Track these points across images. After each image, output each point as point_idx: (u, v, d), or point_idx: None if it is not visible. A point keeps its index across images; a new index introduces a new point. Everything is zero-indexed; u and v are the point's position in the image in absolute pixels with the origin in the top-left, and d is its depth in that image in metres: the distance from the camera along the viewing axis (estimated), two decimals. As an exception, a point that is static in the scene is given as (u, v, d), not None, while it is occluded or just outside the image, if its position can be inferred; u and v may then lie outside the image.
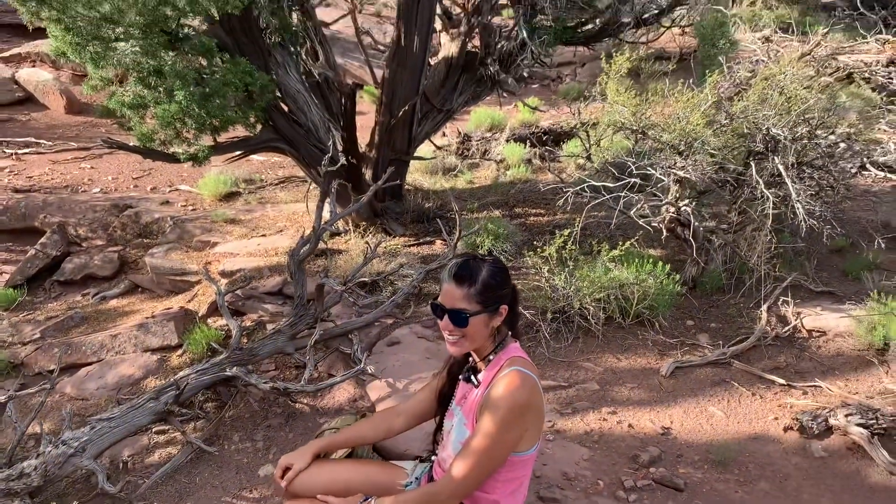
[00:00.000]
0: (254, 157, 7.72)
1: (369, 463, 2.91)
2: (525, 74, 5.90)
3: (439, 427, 2.62)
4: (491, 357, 2.33)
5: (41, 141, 9.52)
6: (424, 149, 6.86)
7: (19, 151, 9.03)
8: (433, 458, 2.62)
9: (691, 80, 4.29)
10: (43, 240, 6.46)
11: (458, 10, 6.28)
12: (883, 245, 4.66)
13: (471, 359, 2.44)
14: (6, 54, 12.09)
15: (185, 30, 4.54)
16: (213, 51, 4.40)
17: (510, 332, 2.38)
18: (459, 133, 8.24)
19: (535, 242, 4.52)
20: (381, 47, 12.47)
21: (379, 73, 7.55)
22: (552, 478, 3.18)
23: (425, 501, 2.28)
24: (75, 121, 10.79)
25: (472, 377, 2.37)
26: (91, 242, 6.72)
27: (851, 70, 10.45)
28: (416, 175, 7.28)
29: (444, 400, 2.61)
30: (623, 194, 4.21)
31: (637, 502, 3.05)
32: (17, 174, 8.13)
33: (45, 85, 11.05)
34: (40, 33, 12.90)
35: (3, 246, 6.95)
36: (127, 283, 6.05)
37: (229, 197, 7.18)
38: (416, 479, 2.63)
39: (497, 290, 2.27)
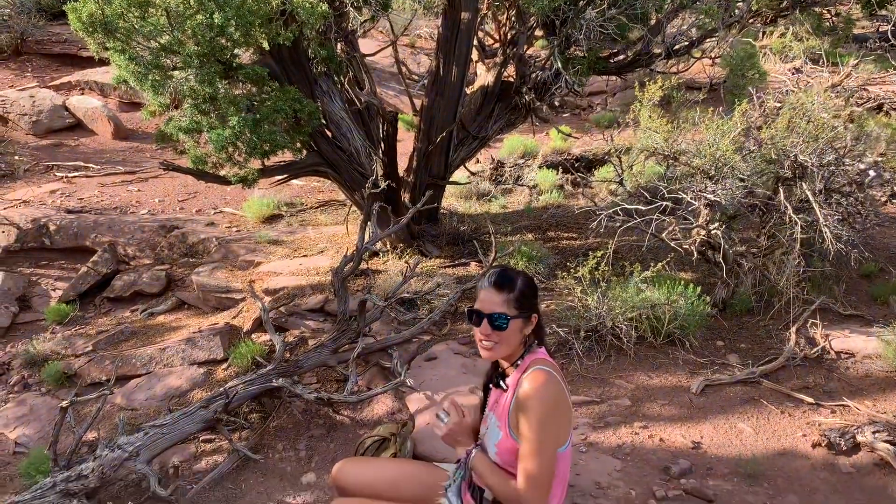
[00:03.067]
0: (294, 181, 7.99)
1: (414, 463, 3.08)
2: (557, 103, 6.11)
3: (477, 433, 2.77)
4: (518, 362, 2.50)
5: (90, 165, 9.91)
6: (459, 174, 7.08)
7: (70, 175, 9.42)
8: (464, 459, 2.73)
9: (720, 109, 4.45)
10: (94, 258, 6.77)
11: (494, 42, 6.54)
12: (911, 271, 4.75)
13: (500, 366, 2.62)
14: (57, 82, 12.60)
15: (238, 60, 4.82)
16: (265, 79, 4.67)
17: (536, 341, 2.55)
18: (493, 160, 8.46)
19: (567, 264, 4.68)
20: (416, 77, 12.80)
21: (416, 101, 7.82)
22: (586, 487, 3.31)
23: (507, 499, 2.40)
24: (121, 146, 11.19)
25: (501, 382, 2.54)
26: (139, 261, 7.01)
27: (882, 101, 10.52)
28: (450, 200, 7.50)
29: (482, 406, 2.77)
30: (655, 217, 4.37)
31: (668, 511, 3.17)
32: (68, 196, 8.49)
33: (94, 112, 11.49)
34: (88, 62, 13.51)
35: (56, 264, 7.27)
36: (174, 299, 6.31)
37: (272, 219, 7.45)
38: (457, 480, 2.79)
39: (531, 299, 2.46)
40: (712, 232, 4.29)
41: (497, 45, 6.33)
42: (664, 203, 4.33)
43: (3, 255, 7.24)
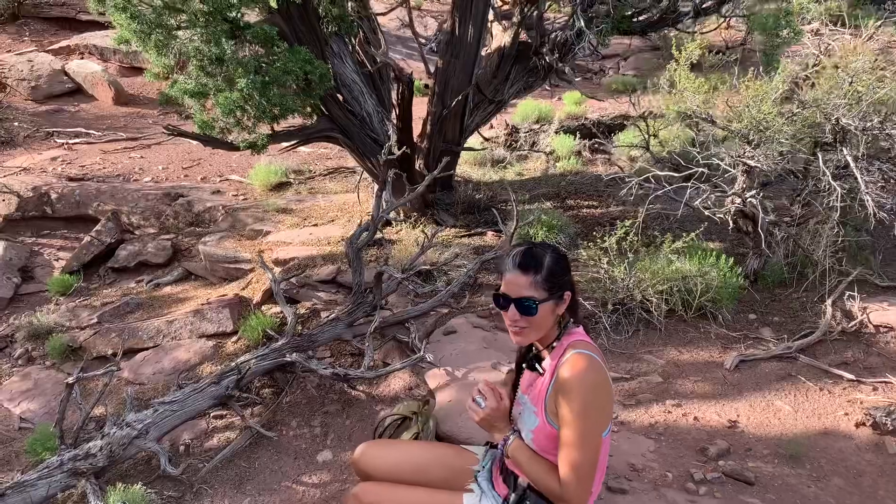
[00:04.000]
0: (301, 148, 7.77)
1: (440, 445, 2.91)
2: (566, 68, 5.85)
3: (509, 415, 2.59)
4: (554, 344, 2.30)
5: (91, 131, 9.70)
6: (473, 140, 6.84)
7: (70, 141, 9.21)
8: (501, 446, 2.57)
9: (754, 71, 4.20)
10: (98, 227, 6.58)
11: (503, 4, 6.26)
12: (952, 240, 4.54)
13: (534, 347, 2.42)
14: (55, 46, 12.31)
15: (245, 18, 4.57)
16: (274, 39, 4.42)
17: (572, 319, 2.35)
18: (507, 125, 8.20)
19: (594, 233, 4.48)
20: (423, 39, 12.49)
21: (419, 65, 7.57)
22: (619, 469, 3.15)
23: (548, 491, 2.24)
24: (122, 111, 10.96)
25: (537, 365, 2.35)
26: (144, 230, 6.83)
27: (907, 63, 10.20)
28: (464, 167, 7.27)
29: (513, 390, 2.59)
30: (690, 184, 4.15)
31: (707, 495, 3.00)
32: (69, 163, 8.28)
33: (94, 76, 11.23)
34: (87, 26, 13.22)
35: (59, 233, 7.10)
36: (180, 270, 6.13)
37: (279, 187, 7.24)
38: (487, 464, 2.62)
39: (561, 277, 2.25)
40: (748, 200, 4.07)
41: (506, 6, 6.06)
42: (698, 170, 4.11)
43: (4, 224, 7.07)
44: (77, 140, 9.28)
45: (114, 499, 3.39)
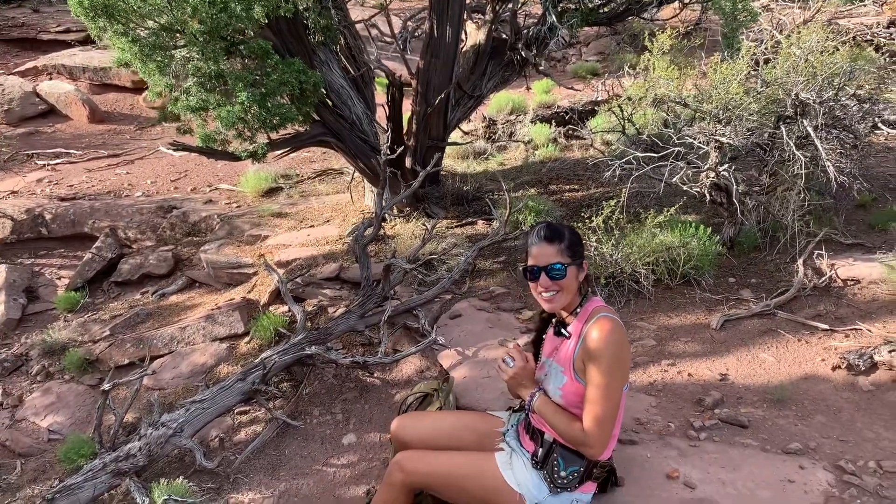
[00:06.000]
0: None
1: (467, 413, 3.23)
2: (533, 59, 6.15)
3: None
4: (577, 310, 2.63)
5: (71, 150, 9.79)
6: (454, 135, 7.13)
7: (52, 162, 9.31)
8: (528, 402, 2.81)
9: (720, 54, 4.56)
10: (97, 244, 6.76)
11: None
12: (906, 197, 4.96)
13: (556, 317, 2.75)
14: (22, 68, 12.33)
15: (240, 35, 4.80)
16: (269, 52, 4.67)
17: (590, 289, 2.69)
18: (485, 118, 8.51)
19: (580, 214, 4.81)
20: (388, 38, 12.71)
21: (392, 63, 7.83)
22: (627, 424, 3.47)
23: (573, 440, 2.54)
24: (99, 129, 11.05)
25: (563, 330, 2.68)
26: (142, 244, 7.02)
27: (854, 34, 10.68)
28: (448, 161, 7.56)
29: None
30: (668, 163, 4.50)
31: (707, 440, 3.34)
32: (56, 184, 8.41)
33: (67, 96, 11.30)
34: (50, 45, 13.20)
35: (57, 253, 7.25)
36: (184, 279, 6.34)
37: (270, 192, 7.47)
38: (513, 426, 2.93)
39: (579, 246, 2.62)
40: (721, 173, 4.43)
41: (487, 1, 6.34)
42: (675, 149, 4.46)
43: (1, 248, 7.19)
44: (58, 161, 9.37)
45: (158, 493, 3.62)
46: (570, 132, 7.62)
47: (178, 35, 4.51)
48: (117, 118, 11.50)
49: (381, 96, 6.13)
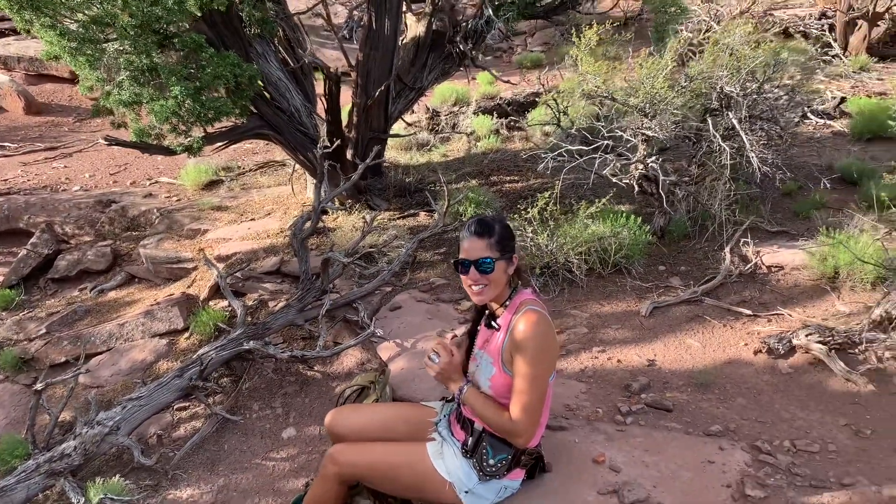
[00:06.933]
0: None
1: (402, 404, 3.29)
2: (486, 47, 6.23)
3: (464, 372, 2.97)
4: (507, 303, 2.71)
5: (5, 143, 9.54)
6: (397, 126, 7.15)
7: (-16, 156, 9.05)
8: (457, 394, 2.86)
9: (648, 49, 4.68)
10: (33, 239, 6.61)
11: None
12: (828, 186, 5.17)
13: (487, 309, 2.82)
14: (-48, 59, 11.93)
15: (173, 28, 4.75)
16: (202, 46, 4.63)
17: (520, 282, 2.77)
18: (428, 109, 8.55)
19: (518, 206, 4.90)
20: (335, 28, 12.64)
21: (335, 53, 7.78)
22: (556, 410, 3.58)
23: (501, 429, 2.62)
24: (36, 121, 10.77)
25: (493, 322, 2.75)
26: (80, 239, 6.88)
27: (788, 25, 11.01)
28: (391, 152, 7.59)
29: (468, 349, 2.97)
30: (598, 156, 4.61)
31: (633, 424, 3.47)
32: (-11, 178, 8.18)
33: (1, 87, 10.97)
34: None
35: (-10, 249, 7.07)
36: (123, 274, 6.26)
37: (211, 185, 7.39)
38: (445, 416, 3.00)
39: (510, 241, 2.69)
40: (649, 165, 4.56)
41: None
42: (605, 142, 4.57)
43: (-70, 246, 6.99)
44: (-9, 154, 9.12)
45: (94, 492, 3.60)
46: (512, 123, 7.71)
47: (108, 28, 4.44)
48: (55, 110, 11.20)
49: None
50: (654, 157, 4.55)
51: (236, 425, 4.26)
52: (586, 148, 4.68)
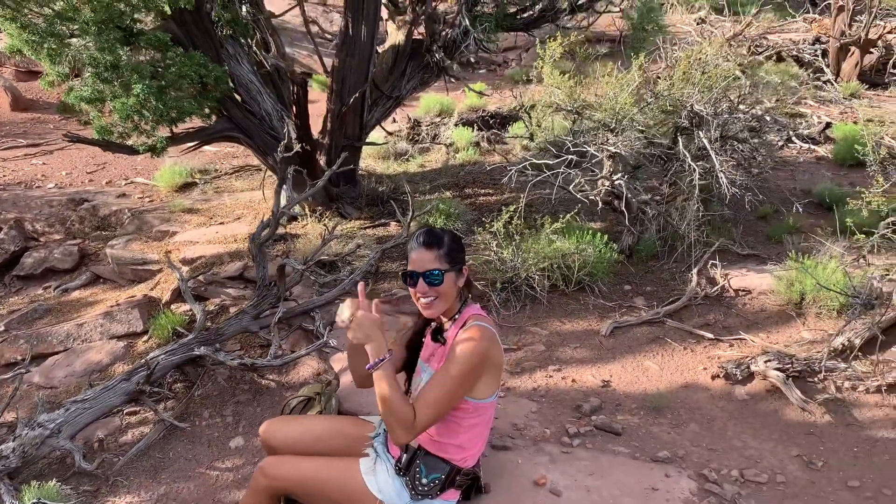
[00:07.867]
0: (207, 147, 7.85)
1: (340, 418, 3.19)
2: (472, 60, 6.20)
3: (409, 383, 2.87)
4: (456, 316, 2.63)
5: (-12, 139, 9.46)
6: (376, 135, 7.09)
7: (-34, 150, 8.97)
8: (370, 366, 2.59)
9: (620, 63, 4.62)
10: (1, 235, 6.52)
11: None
12: (801, 210, 5.10)
13: (433, 322, 2.73)
14: (-59, 53, 11.88)
15: (139, 25, 4.69)
16: (168, 45, 4.56)
17: (470, 296, 2.69)
18: (410, 119, 8.49)
19: (483, 219, 4.82)
20: (329, 35, 12.59)
21: (328, 61, 7.74)
22: (503, 429, 3.49)
23: (397, 415, 2.41)
24: (21, 117, 10.70)
25: (440, 336, 2.66)
26: (49, 237, 6.79)
27: (780, 49, 10.99)
28: (368, 161, 7.52)
29: (411, 363, 2.88)
30: (562, 171, 4.54)
31: (580, 446, 3.37)
32: (-35, 173, 8.11)
33: (-12, 83, 10.92)
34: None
35: (-41, 244, 6.97)
36: (88, 274, 6.16)
37: (186, 187, 7.32)
38: (383, 431, 2.91)
39: (459, 253, 2.60)
40: (616, 182, 4.48)
41: (407, 1, 6.33)
42: (570, 157, 4.50)
43: None
44: (-27, 149, 9.05)
45: (28, 496, 3.50)
46: (494, 137, 7.66)
47: (72, 23, 4.38)
48: (42, 107, 11.15)
49: (316, 93, 6.05)
50: (620, 175, 4.47)
51: (184, 433, 4.15)
52: (551, 162, 4.61)
